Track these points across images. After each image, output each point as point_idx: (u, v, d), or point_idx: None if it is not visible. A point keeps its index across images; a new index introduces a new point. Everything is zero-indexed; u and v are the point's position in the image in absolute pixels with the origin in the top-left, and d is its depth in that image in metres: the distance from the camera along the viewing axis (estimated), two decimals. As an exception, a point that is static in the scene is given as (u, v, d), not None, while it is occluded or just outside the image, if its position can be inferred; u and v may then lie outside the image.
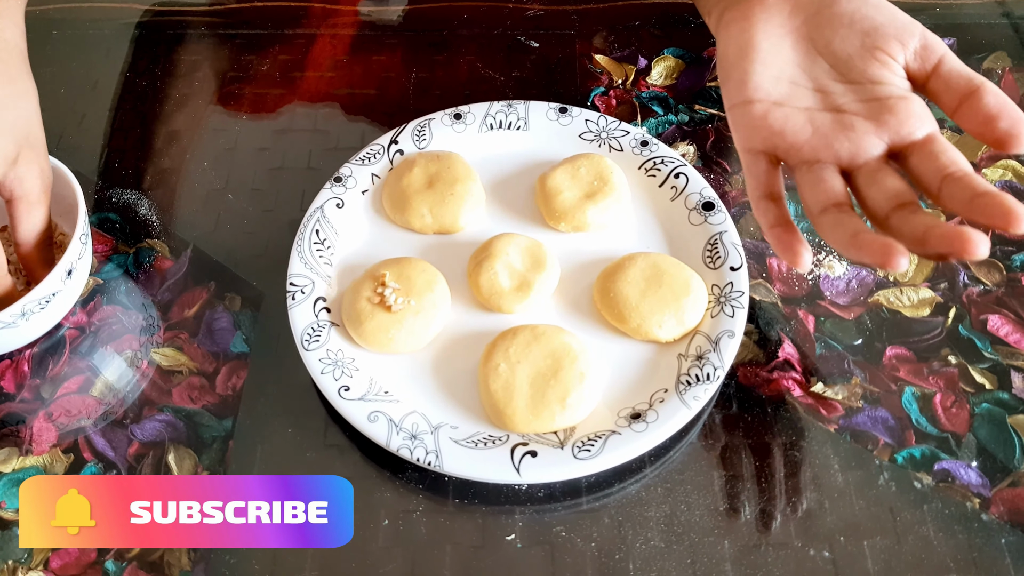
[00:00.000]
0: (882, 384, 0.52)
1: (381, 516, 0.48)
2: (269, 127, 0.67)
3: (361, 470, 0.50)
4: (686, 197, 0.57)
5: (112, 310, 0.58)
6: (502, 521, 0.48)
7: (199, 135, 0.67)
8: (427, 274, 0.54)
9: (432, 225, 0.57)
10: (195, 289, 0.58)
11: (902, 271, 0.44)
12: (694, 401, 0.48)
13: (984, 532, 0.46)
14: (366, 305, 0.52)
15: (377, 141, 0.61)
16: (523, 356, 0.49)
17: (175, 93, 0.69)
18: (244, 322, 0.57)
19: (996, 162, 0.63)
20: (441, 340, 0.53)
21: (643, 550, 0.46)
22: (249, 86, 0.70)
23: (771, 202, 0.44)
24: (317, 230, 0.56)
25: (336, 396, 0.49)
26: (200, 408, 0.53)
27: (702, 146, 0.64)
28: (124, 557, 0.48)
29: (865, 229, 0.39)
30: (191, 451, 0.52)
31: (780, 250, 0.42)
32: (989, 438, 0.50)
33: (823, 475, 0.49)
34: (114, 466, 0.51)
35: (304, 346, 0.51)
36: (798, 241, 0.42)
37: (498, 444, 0.47)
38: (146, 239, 0.61)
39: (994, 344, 0.54)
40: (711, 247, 0.55)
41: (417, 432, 0.48)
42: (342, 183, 0.59)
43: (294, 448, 0.51)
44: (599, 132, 0.61)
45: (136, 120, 0.68)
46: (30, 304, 0.50)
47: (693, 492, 0.48)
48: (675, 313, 0.51)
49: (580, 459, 0.46)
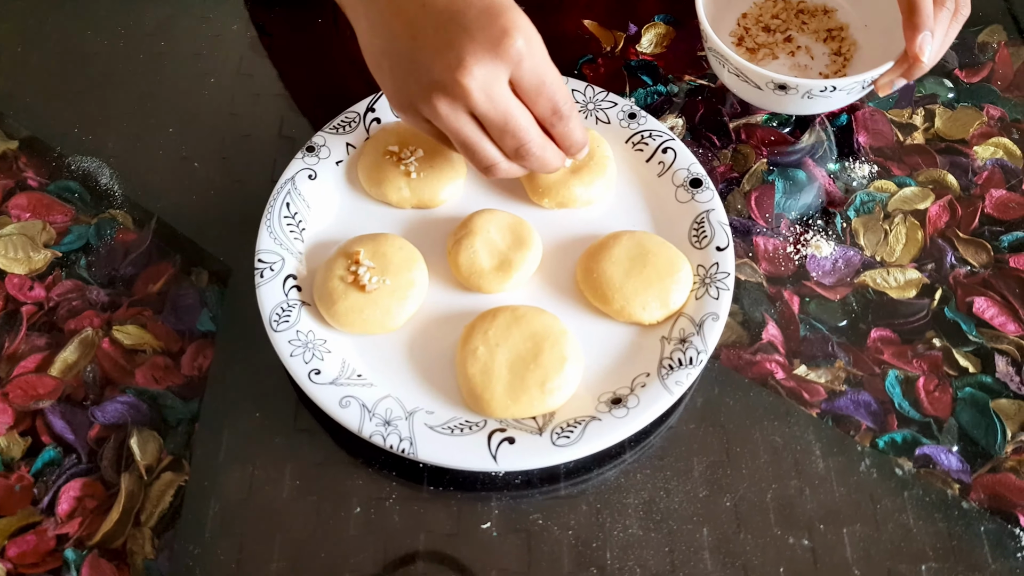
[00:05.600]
0: (866, 367, 0.51)
1: (352, 503, 0.47)
2: (239, 91, 0.64)
3: (332, 455, 0.48)
4: (673, 173, 0.55)
5: (72, 285, 0.55)
6: (478, 508, 0.46)
7: (164, 99, 0.64)
8: (404, 251, 0.52)
9: (410, 199, 0.55)
10: (160, 263, 0.56)
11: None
12: (676, 386, 0.47)
13: (963, 520, 0.46)
14: (339, 284, 0.50)
15: (353, 108, 0.58)
16: (502, 339, 0.48)
17: (138, 54, 0.66)
18: (211, 299, 0.54)
19: (987, 139, 0.61)
20: (417, 321, 0.51)
21: (621, 538, 0.45)
22: (217, 47, 0.66)
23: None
24: (288, 203, 0.54)
25: (306, 380, 0.47)
26: (164, 389, 0.51)
27: (691, 119, 0.62)
28: (84, 545, 0.46)
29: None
30: (155, 434, 0.50)
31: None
32: (971, 423, 0.50)
33: (804, 461, 0.48)
34: (73, 450, 0.49)
35: (272, 327, 0.49)
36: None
37: (475, 430, 0.46)
38: (108, 210, 0.58)
39: (979, 327, 0.53)
40: (697, 226, 0.53)
41: (391, 418, 0.46)
42: (315, 153, 0.56)
43: (262, 433, 0.49)
44: (586, 103, 0.59)
45: (97, 83, 0.64)
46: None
47: (673, 478, 0.47)
48: (659, 295, 0.50)
49: (559, 446, 0.45)
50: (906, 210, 0.58)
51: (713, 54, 0.58)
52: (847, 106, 0.62)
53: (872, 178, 0.59)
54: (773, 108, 0.61)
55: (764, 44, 0.63)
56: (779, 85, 0.55)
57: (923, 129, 0.62)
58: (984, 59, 0.65)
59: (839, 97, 0.57)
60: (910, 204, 0.58)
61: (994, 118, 0.62)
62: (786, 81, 0.54)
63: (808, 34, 0.64)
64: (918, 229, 0.57)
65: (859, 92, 0.57)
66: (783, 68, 0.62)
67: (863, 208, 0.58)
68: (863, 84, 0.55)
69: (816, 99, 0.56)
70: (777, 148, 0.61)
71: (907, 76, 0.54)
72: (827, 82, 0.54)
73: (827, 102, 0.57)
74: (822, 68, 0.62)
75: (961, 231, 0.57)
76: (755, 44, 0.63)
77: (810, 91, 0.55)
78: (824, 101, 0.57)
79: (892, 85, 0.55)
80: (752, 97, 0.59)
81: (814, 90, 0.55)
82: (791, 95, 0.56)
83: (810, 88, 0.55)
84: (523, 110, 0.45)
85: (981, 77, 0.64)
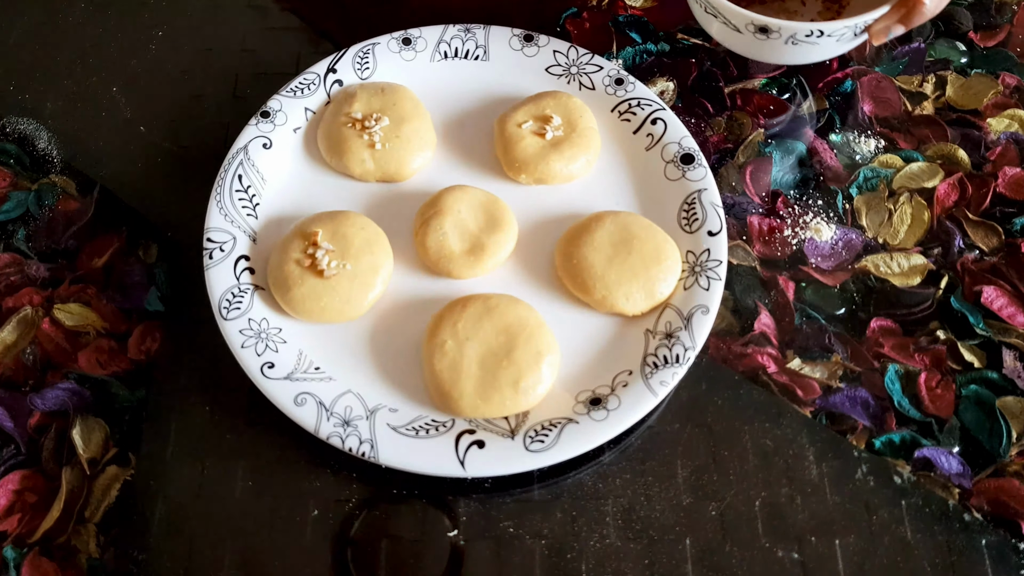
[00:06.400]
0: (864, 361, 0.48)
1: (310, 506, 0.44)
2: (189, 45, 0.59)
3: (288, 452, 0.45)
4: (663, 147, 0.51)
5: (9, 259, 0.52)
6: (444, 513, 0.43)
7: (107, 54, 0.58)
8: (366, 232, 0.47)
9: (374, 172, 0.51)
10: (104, 236, 0.52)
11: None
12: (660, 387, 0.43)
13: (964, 532, 0.43)
14: (295, 268, 0.46)
15: (312, 69, 0.53)
16: (473, 332, 0.44)
17: (79, 3, 0.60)
18: (160, 276, 0.51)
19: (1003, 111, 0.57)
20: (380, 309, 0.47)
21: (597, 548, 0.42)
22: (167, -4, 0.61)
23: None
24: (240, 175, 0.49)
25: (258, 374, 0.43)
26: (110, 375, 0.48)
27: (683, 82, 0.57)
28: (24, 543, 0.43)
29: None
30: (100, 423, 0.47)
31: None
32: (974, 422, 0.46)
33: (796, 466, 0.45)
34: (12, 440, 0.46)
35: (222, 314, 0.45)
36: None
37: (442, 431, 0.42)
38: (50, 175, 0.53)
39: (986, 318, 0.49)
40: (688, 207, 0.49)
41: (350, 417, 0.43)
42: (270, 119, 0.51)
43: (213, 426, 0.46)
44: (568, 66, 0.54)
45: (33, 34, 0.59)
46: None
47: (655, 484, 0.44)
48: (644, 284, 0.46)
49: (532, 451, 0.41)
50: (912, 188, 0.54)
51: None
52: (852, 71, 0.57)
53: (877, 152, 0.55)
54: (759, 57, 0.56)
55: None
56: (760, 27, 0.50)
57: (933, 98, 0.57)
58: (1002, 21, 0.61)
59: (828, 44, 0.51)
60: (917, 181, 0.54)
61: (1010, 87, 0.58)
62: (767, 23, 0.50)
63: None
64: (924, 209, 0.53)
65: (851, 40, 0.52)
66: (768, 13, 0.57)
67: (866, 185, 0.54)
68: (855, 30, 0.50)
69: (802, 45, 0.51)
70: (776, 117, 0.56)
71: (905, 22, 0.49)
72: (812, 25, 0.49)
73: (816, 49, 0.52)
74: (813, 16, 0.57)
75: (971, 212, 0.53)
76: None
77: (794, 35, 0.50)
78: (812, 48, 0.52)
79: (887, 32, 0.50)
80: (735, 44, 0.54)
81: (798, 34, 0.50)
82: (774, 40, 0.51)
83: (794, 32, 0.50)
84: None
85: (997, 41, 0.60)
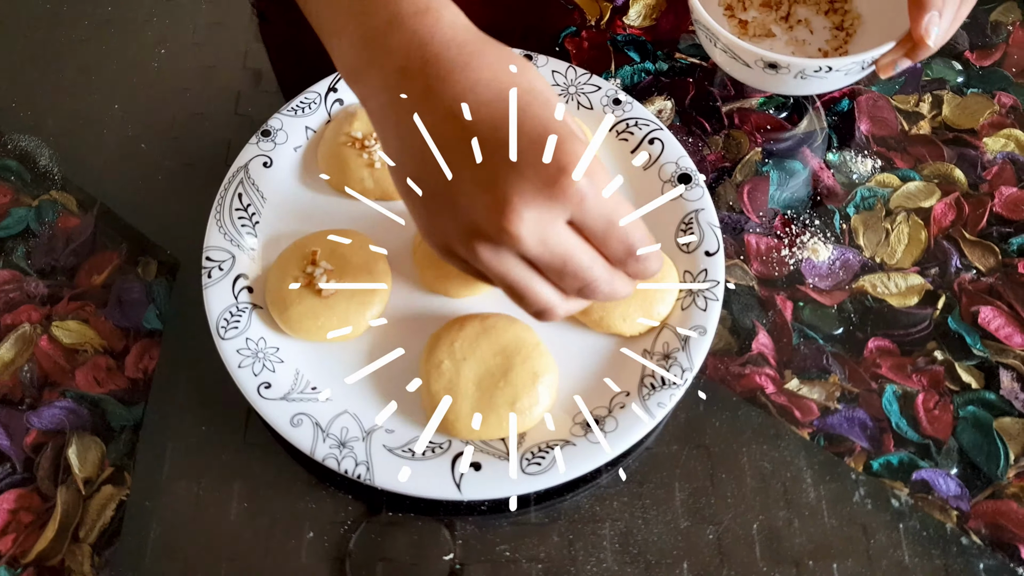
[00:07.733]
0: (862, 382, 0.48)
1: (305, 528, 0.43)
2: (191, 63, 0.59)
3: (284, 473, 0.45)
4: (661, 167, 0.51)
5: (9, 275, 0.52)
6: (440, 536, 0.43)
7: (109, 71, 0.58)
8: (364, 251, 0.47)
9: (374, 191, 0.51)
10: (104, 253, 0.52)
11: None
12: (658, 408, 0.43)
13: (962, 556, 0.43)
14: (293, 287, 0.46)
15: (313, 88, 0.54)
16: (469, 352, 0.44)
17: (82, 20, 0.61)
18: (159, 294, 0.50)
19: (999, 131, 0.57)
20: (378, 328, 0.47)
21: (594, 572, 0.42)
22: (169, 13, 0.61)
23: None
24: (240, 194, 0.49)
25: (255, 395, 0.43)
26: (107, 393, 0.48)
27: (681, 101, 0.58)
28: (18, 562, 0.43)
29: None
30: (96, 441, 0.46)
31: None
32: (972, 444, 0.46)
33: (794, 489, 0.45)
34: (7, 459, 0.46)
35: (220, 334, 0.45)
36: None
37: (438, 453, 0.42)
38: (51, 191, 0.53)
39: (984, 339, 0.49)
40: (685, 226, 0.49)
41: (346, 439, 0.42)
42: (271, 137, 0.51)
43: (210, 446, 0.46)
44: (567, 86, 0.54)
45: (36, 52, 0.59)
46: None
47: (652, 507, 0.44)
48: (642, 305, 0.46)
49: (529, 474, 0.41)
50: (909, 207, 0.54)
51: (701, 27, 0.53)
52: (848, 90, 0.57)
53: (874, 171, 0.55)
54: (765, 88, 0.56)
55: (759, 14, 0.58)
56: (769, 63, 0.50)
57: (930, 117, 0.57)
58: (997, 40, 0.61)
59: (836, 78, 0.52)
60: (914, 201, 0.54)
61: (1006, 107, 0.58)
62: (776, 60, 0.50)
63: (808, 5, 0.59)
64: (921, 229, 0.53)
65: (858, 73, 0.52)
66: (779, 43, 0.57)
67: (863, 204, 0.54)
68: (862, 65, 0.50)
69: (810, 79, 0.51)
70: (773, 135, 0.56)
71: (911, 57, 0.50)
72: (822, 62, 0.49)
73: (823, 83, 0.52)
74: (821, 44, 0.57)
75: (968, 232, 0.53)
76: (748, 15, 0.58)
77: (803, 71, 0.50)
78: (820, 82, 0.52)
79: (895, 67, 0.50)
80: (743, 76, 0.54)
81: (807, 70, 0.50)
82: (782, 75, 0.51)
83: (803, 68, 0.50)
84: (584, 248, 0.35)
85: (993, 61, 0.60)
